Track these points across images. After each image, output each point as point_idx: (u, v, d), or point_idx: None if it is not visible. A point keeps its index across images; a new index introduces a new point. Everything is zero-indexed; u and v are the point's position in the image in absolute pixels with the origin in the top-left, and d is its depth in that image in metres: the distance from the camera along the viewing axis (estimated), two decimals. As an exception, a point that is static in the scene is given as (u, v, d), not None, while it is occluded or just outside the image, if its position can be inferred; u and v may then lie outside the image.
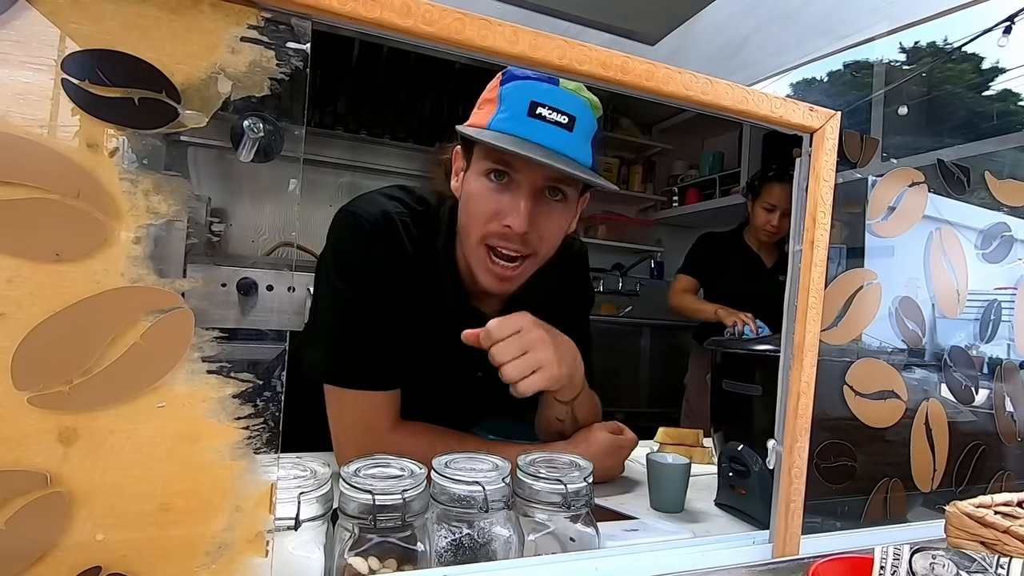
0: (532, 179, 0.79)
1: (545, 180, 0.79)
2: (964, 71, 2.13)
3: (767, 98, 0.60)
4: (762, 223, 2.22)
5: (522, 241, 0.81)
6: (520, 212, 0.78)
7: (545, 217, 0.81)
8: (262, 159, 0.44)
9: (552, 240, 0.84)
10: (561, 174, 0.77)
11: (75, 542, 0.39)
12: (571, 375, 0.82)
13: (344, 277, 0.84)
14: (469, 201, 0.83)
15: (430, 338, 0.89)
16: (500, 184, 0.80)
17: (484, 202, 0.81)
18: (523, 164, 0.78)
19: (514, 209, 0.78)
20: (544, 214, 0.81)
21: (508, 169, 0.79)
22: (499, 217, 0.80)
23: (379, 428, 0.83)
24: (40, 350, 0.37)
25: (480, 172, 0.81)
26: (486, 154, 0.80)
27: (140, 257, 0.40)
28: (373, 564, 0.50)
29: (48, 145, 0.38)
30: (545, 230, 0.82)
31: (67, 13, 0.38)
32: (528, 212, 0.78)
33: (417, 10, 0.46)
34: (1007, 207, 0.88)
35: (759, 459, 0.75)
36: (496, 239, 0.81)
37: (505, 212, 0.79)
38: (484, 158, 0.81)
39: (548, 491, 0.57)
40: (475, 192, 0.82)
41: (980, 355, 0.87)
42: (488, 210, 0.80)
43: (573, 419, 0.91)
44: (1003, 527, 0.56)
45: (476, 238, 0.82)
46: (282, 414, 0.43)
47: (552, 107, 0.77)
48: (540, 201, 0.80)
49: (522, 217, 0.78)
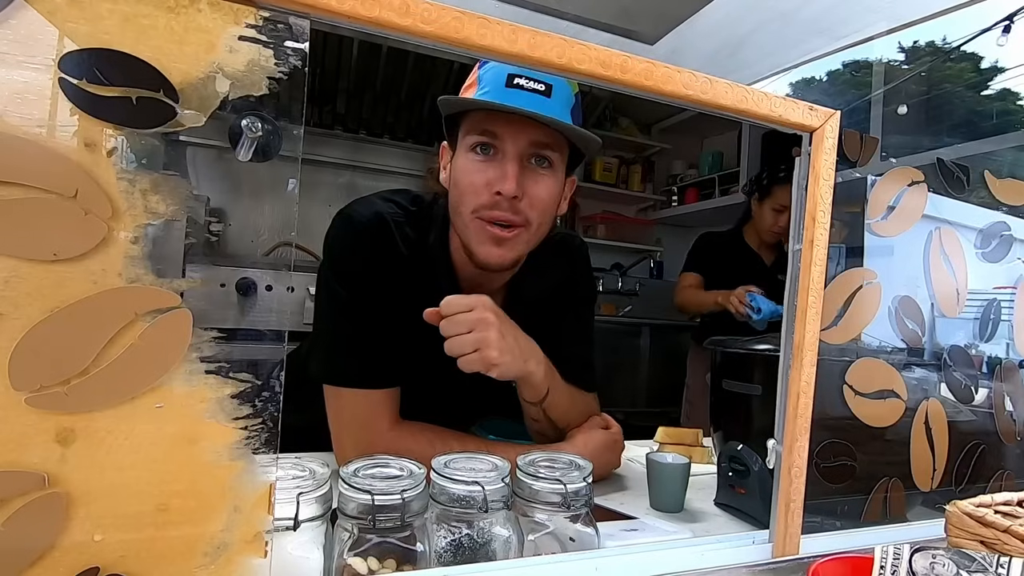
0: (516, 144, 0.81)
1: (529, 144, 0.81)
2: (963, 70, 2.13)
3: (766, 97, 0.60)
4: (770, 224, 2.21)
5: (512, 208, 0.82)
6: (508, 176, 0.80)
7: (533, 184, 0.83)
8: (260, 158, 0.44)
9: (543, 209, 0.85)
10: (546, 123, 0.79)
11: (73, 543, 0.39)
12: (521, 370, 0.82)
13: (339, 278, 0.85)
14: (458, 180, 0.85)
15: (427, 337, 0.89)
16: (486, 156, 0.82)
17: (472, 175, 0.83)
18: (506, 130, 0.80)
19: (502, 175, 0.80)
20: (532, 182, 0.83)
21: (492, 140, 0.81)
22: (489, 187, 0.81)
23: (378, 427, 0.83)
24: (38, 350, 0.37)
25: (466, 149, 0.83)
26: (469, 129, 0.83)
27: (138, 257, 0.39)
28: (372, 564, 0.50)
29: (46, 145, 0.37)
30: (535, 196, 0.83)
31: (65, 12, 0.38)
32: (515, 176, 0.80)
33: (416, 9, 0.46)
34: (1006, 206, 0.88)
35: (759, 459, 0.75)
36: (487, 209, 0.82)
37: (493, 181, 0.81)
38: (468, 134, 0.83)
39: (548, 491, 0.57)
40: (462, 169, 0.84)
41: (980, 354, 0.87)
42: (477, 182, 0.82)
43: (548, 421, 0.91)
44: (1003, 526, 0.56)
45: (468, 213, 0.83)
46: (281, 414, 0.43)
47: (528, 77, 0.80)
48: (526, 168, 0.82)
49: (510, 180, 0.80)
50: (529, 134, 0.81)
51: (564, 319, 1.02)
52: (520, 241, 0.85)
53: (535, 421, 0.92)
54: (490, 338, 0.76)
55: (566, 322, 1.02)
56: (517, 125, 0.80)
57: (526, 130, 0.80)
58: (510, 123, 0.80)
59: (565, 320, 1.02)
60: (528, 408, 0.90)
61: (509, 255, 0.85)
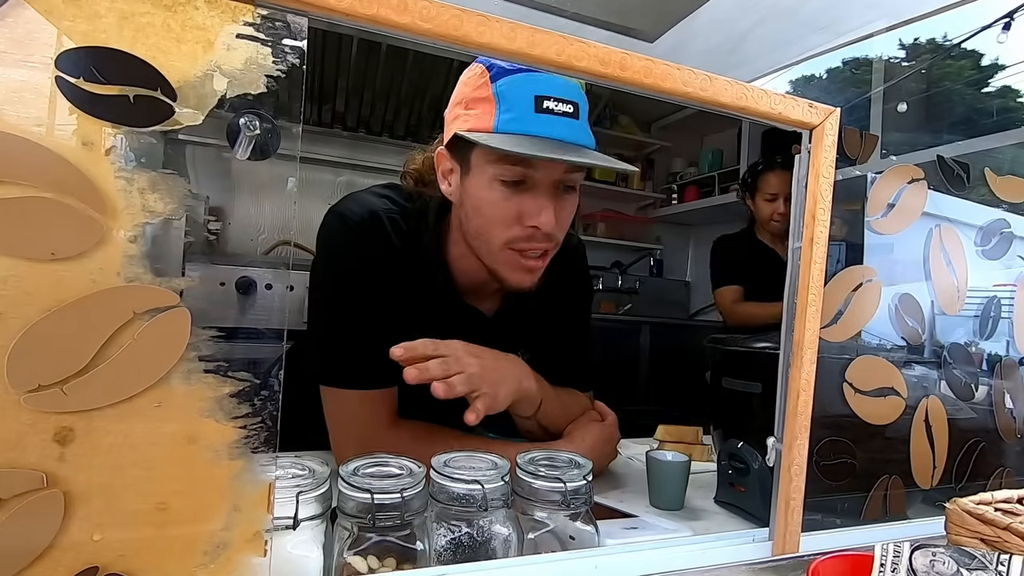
0: (551, 176, 0.77)
1: (563, 174, 0.78)
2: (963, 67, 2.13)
3: (766, 94, 0.60)
4: (768, 214, 2.21)
5: (547, 238, 0.80)
6: (548, 212, 0.77)
7: (562, 210, 0.81)
8: (259, 157, 0.43)
9: (567, 228, 0.84)
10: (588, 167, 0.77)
11: (72, 542, 0.39)
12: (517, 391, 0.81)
13: (333, 277, 0.84)
14: (482, 208, 0.80)
15: (424, 335, 0.89)
16: (518, 188, 0.78)
17: (503, 208, 0.78)
18: (542, 163, 0.76)
19: (539, 209, 0.77)
20: (561, 208, 0.80)
21: (527, 172, 0.77)
22: (522, 219, 0.78)
23: (377, 426, 0.83)
24: (36, 350, 0.37)
25: (491, 177, 0.78)
26: (498, 159, 0.76)
27: (136, 256, 0.39)
28: (372, 563, 0.50)
29: (43, 143, 0.37)
30: (564, 221, 0.82)
31: (62, 10, 0.38)
32: (553, 211, 0.77)
33: (414, 6, 0.46)
34: (1006, 203, 0.88)
35: (759, 456, 0.75)
36: (523, 242, 0.80)
37: (529, 214, 0.78)
38: (495, 163, 0.77)
39: (547, 489, 0.57)
40: (489, 199, 0.79)
41: (979, 352, 0.87)
42: (510, 216, 0.79)
43: (541, 428, 0.91)
44: (1003, 524, 0.56)
45: (500, 243, 0.80)
46: (280, 413, 0.43)
47: (557, 98, 0.75)
48: (557, 196, 0.80)
49: (549, 215, 0.77)
50: (564, 166, 0.77)
51: (560, 319, 1.01)
52: (547, 260, 0.84)
53: (528, 432, 0.92)
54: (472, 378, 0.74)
55: (562, 322, 1.02)
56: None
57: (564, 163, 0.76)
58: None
59: (561, 320, 1.02)
60: (521, 421, 0.90)
61: (538, 276, 0.85)
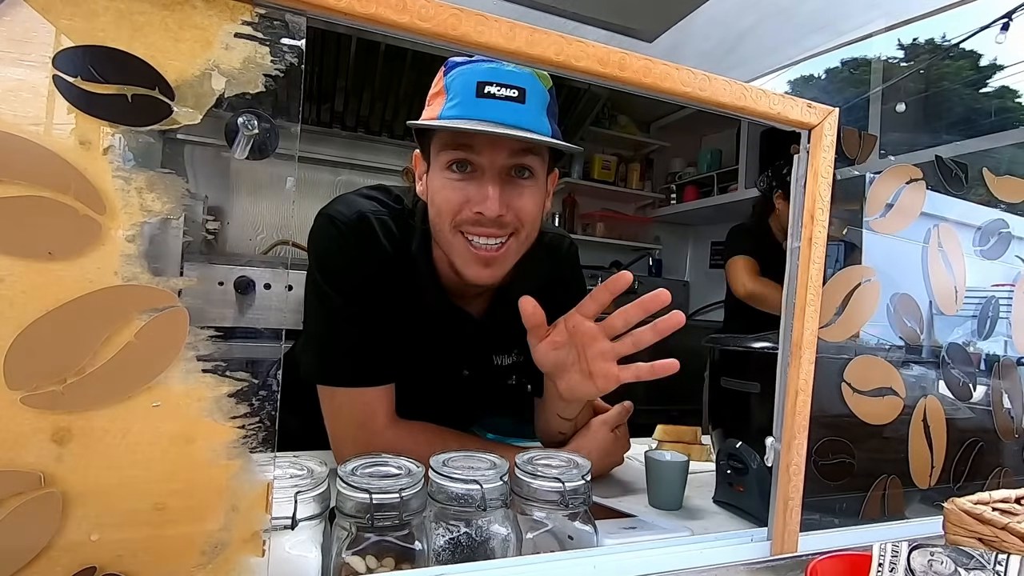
0: (494, 160, 0.77)
1: (508, 158, 0.77)
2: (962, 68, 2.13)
3: (765, 94, 0.60)
4: None
5: (497, 224, 0.79)
6: (489, 196, 0.76)
7: (517, 198, 0.79)
8: (257, 156, 0.43)
9: (530, 218, 0.82)
10: (520, 142, 0.75)
11: (70, 542, 0.39)
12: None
13: (325, 278, 0.84)
14: (435, 197, 0.81)
15: (414, 337, 0.89)
16: (464, 174, 0.78)
17: (449, 194, 0.78)
18: (483, 146, 0.76)
19: (482, 195, 0.77)
20: (516, 195, 0.79)
21: (468, 155, 0.77)
22: (468, 205, 0.78)
23: (375, 425, 0.83)
24: (33, 349, 0.37)
25: (441, 166, 0.79)
26: (443, 146, 0.78)
27: (134, 255, 0.39)
28: (371, 563, 0.50)
29: (40, 142, 0.37)
30: (520, 208, 0.80)
31: (60, 9, 0.37)
32: (497, 194, 0.76)
33: (413, 6, 0.46)
34: (1005, 204, 0.88)
35: (757, 456, 0.75)
36: (469, 226, 0.79)
37: (474, 200, 0.77)
38: (442, 150, 0.79)
39: (546, 489, 0.57)
40: (439, 187, 0.80)
41: (978, 352, 0.87)
42: (455, 201, 0.78)
43: (575, 427, 0.92)
44: (1001, 524, 0.56)
45: (448, 229, 0.80)
46: (278, 413, 0.43)
47: (499, 83, 0.75)
48: (508, 182, 0.79)
49: (492, 201, 0.76)
50: (507, 147, 0.76)
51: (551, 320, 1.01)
52: (508, 255, 0.82)
53: (560, 434, 0.92)
54: None
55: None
56: (494, 139, 0.75)
57: (504, 143, 0.76)
58: (486, 137, 0.75)
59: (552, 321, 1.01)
60: (560, 423, 0.90)
61: (498, 273, 0.82)
